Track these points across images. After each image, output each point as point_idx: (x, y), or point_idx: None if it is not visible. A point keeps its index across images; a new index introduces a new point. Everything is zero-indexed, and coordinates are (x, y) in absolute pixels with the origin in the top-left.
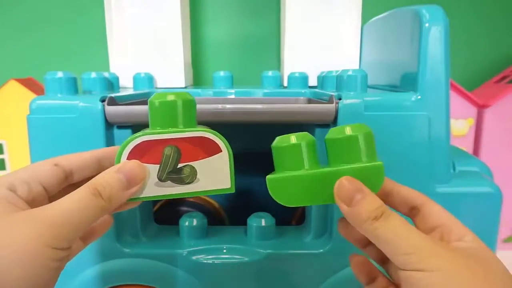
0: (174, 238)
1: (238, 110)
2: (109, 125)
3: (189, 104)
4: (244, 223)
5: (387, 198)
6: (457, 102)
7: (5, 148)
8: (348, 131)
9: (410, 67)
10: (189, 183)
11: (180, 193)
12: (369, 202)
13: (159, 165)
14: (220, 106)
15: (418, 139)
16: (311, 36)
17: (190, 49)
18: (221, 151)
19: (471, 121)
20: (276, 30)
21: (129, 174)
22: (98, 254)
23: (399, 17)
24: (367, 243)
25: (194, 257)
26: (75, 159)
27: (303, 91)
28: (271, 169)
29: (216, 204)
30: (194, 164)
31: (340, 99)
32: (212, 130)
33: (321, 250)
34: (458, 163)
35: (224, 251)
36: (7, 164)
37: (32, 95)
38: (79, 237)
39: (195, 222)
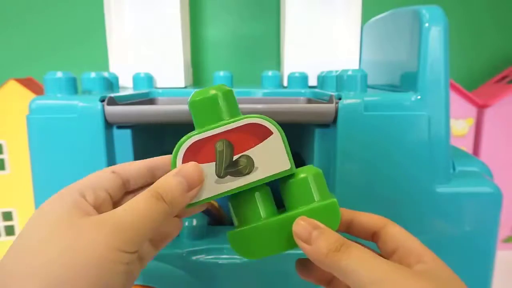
0: (174, 238)
1: None
2: (109, 125)
3: (229, 94)
4: None
5: (348, 229)
6: (457, 102)
7: (4, 148)
8: (299, 174)
9: (410, 67)
10: (248, 173)
11: (242, 186)
12: (327, 237)
13: (215, 162)
14: None
15: (418, 139)
16: (311, 36)
17: (190, 49)
18: (272, 133)
19: (471, 121)
20: (276, 30)
21: (188, 176)
22: None
23: (399, 17)
24: (329, 280)
25: (194, 257)
26: (130, 167)
27: (303, 91)
28: None
29: (216, 204)
30: (249, 152)
31: (340, 99)
32: (258, 114)
33: None
34: (458, 163)
35: (224, 251)
36: (7, 164)
37: (31, 95)
38: (149, 242)
39: (195, 222)
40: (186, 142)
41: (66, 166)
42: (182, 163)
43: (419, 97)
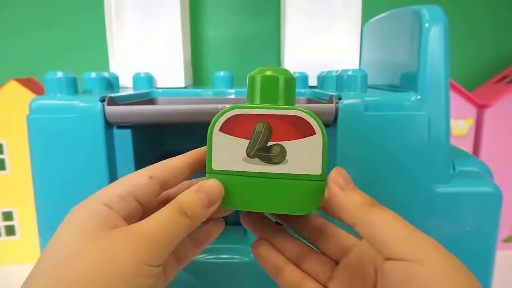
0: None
1: None
2: (109, 125)
3: (290, 81)
4: None
5: (325, 208)
6: (457, 102)
7: (5, 148)
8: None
9: (410, 67)
10: (277, 163)
11: (266, 173)
12: (363, 193)
13: (249, 140)
14: (220, 106)
15: (418, 139)
16: (311, 36)
17: (190, 49)
18: (316, 134)
19: (471, 121)
20: (276, 30)
21: (209, 193)
22: None
23: (399, 17)
24: (279, 271)
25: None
26: (169, 169)
27: (303, 91)
28: None
29: None
30: (285, 144)
31: (340, 99)
32: (308, 111)
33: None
34: (458, 163)
35: (224, 251)
36: (7, 164)
37: (32, 95)
38: (190, 242)
39: None
40: (231, 111)
41: (66, 166)
42: (219, 130)
43: (419, 97)
